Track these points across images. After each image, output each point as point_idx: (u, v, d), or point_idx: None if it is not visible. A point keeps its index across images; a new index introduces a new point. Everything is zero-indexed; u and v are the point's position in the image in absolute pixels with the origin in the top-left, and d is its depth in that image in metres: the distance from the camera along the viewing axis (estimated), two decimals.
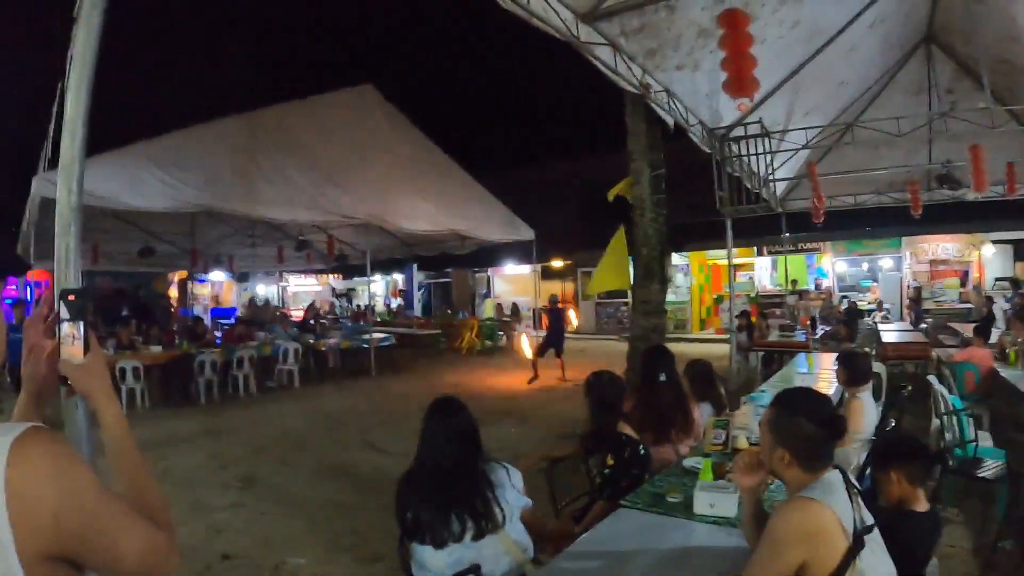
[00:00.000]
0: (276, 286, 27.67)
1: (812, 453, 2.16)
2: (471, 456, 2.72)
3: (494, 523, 2.60)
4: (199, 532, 5.37)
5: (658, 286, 8.46)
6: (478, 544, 2.60)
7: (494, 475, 2.70)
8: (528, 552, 2.78)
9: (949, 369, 7.43)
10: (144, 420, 9.77)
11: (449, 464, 2.66)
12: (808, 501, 2.04)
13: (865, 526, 2.06)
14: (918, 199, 11.76)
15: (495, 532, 2.61)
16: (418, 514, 2.63)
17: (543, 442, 7.71)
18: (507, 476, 2.74)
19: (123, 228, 14.82)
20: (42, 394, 1.32)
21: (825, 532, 1.99)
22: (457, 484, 2.63)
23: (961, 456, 5.04)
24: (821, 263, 21.27)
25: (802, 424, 2.16)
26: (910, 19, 9.27)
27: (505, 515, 2.64)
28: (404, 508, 2.68)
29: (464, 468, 2.67)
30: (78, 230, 2.13)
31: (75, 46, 2.12)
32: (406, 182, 13.75)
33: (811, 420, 2.16)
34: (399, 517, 2.69)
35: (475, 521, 2.57)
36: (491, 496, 2.62)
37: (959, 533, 4.67)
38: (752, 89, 5.24)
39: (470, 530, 2.57)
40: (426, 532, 2.60)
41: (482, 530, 2.58)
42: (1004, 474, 4.68)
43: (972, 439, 5.14)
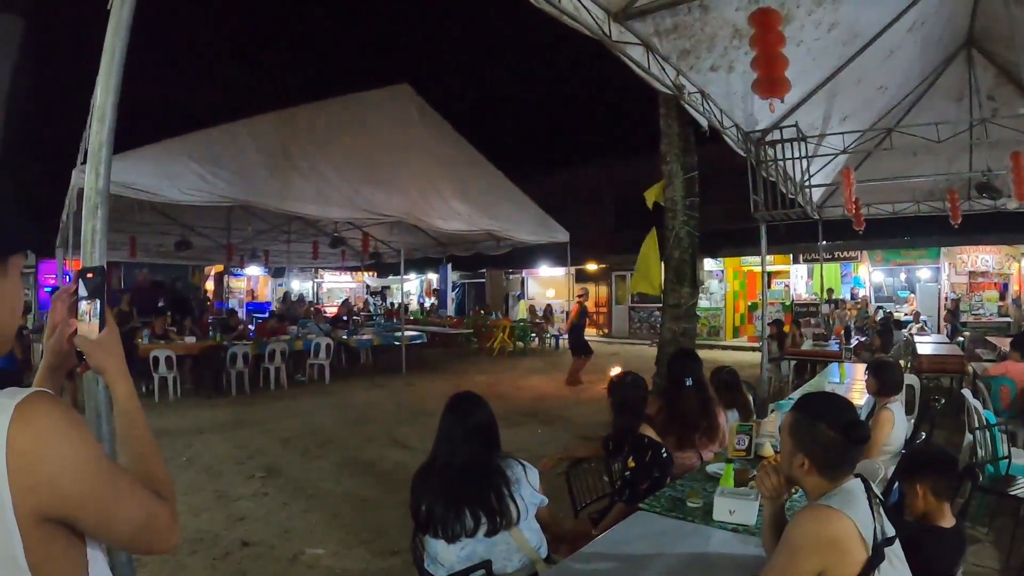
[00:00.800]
0: (311, 282, 27.95)
1: (832, 460, 2.10)
2: (486, 452, 2.71)
3: (507, 519, 2.59)
4: (220, 519, 5.44)
5: (689, 290, 8.36)
6: (490, 540, 2.59)
7: (510, 471, 2.69)
8: (541, 550, 2.76)
9: (984, 383, 7.22)
10: (175, 408, 9.95)
11: (463, 459, 2.66)
12: (826, 509, 1.99)
13: (886, 538, 2.00)
14: (957, 208, 11.48)
15: (508, 529, 2.60)
16: (431, 507, 2.62)
17: (568, 444, 7.69)
18: (524, 473, 2.73)
19: (161, 222, 15.11)
20: (60, 367, 1.36)
21: (843, 542, 1.93)
22: (470, 479, 2.62)
23: (993, 473, 4.90)
24: (858, 272, 20.92)
25: (823, 430, 2.10)
26: (951, 23, 9.04)
27: (519, 512, 2.62)
28: (418, 501, 2.68)
29: (478, 463, 2.66)
30: (104, 213, 2.17)
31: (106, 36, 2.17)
32: (441, 181, 13.82)
33: (832, 426, 2.10)
34: (413, 510, 2.69)
35: (488, 517, 2.56)
36: (505, 492, 2.60)
37: (987, 553, 4.54)
38: (783, 90, 5.14)
39: (483, 526, 2.56)
40: (438, 525, 2.59)
41: (495, 526, 2.57)
42: None
43: (1005, 456, 4.98)
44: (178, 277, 23.07)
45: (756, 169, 8.88)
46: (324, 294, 28.80)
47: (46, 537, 1.00)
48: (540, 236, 16.13)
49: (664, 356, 8.14)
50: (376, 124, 13.24)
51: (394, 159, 13.09)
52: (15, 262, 1.16)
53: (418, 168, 13.50)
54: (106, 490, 1.05)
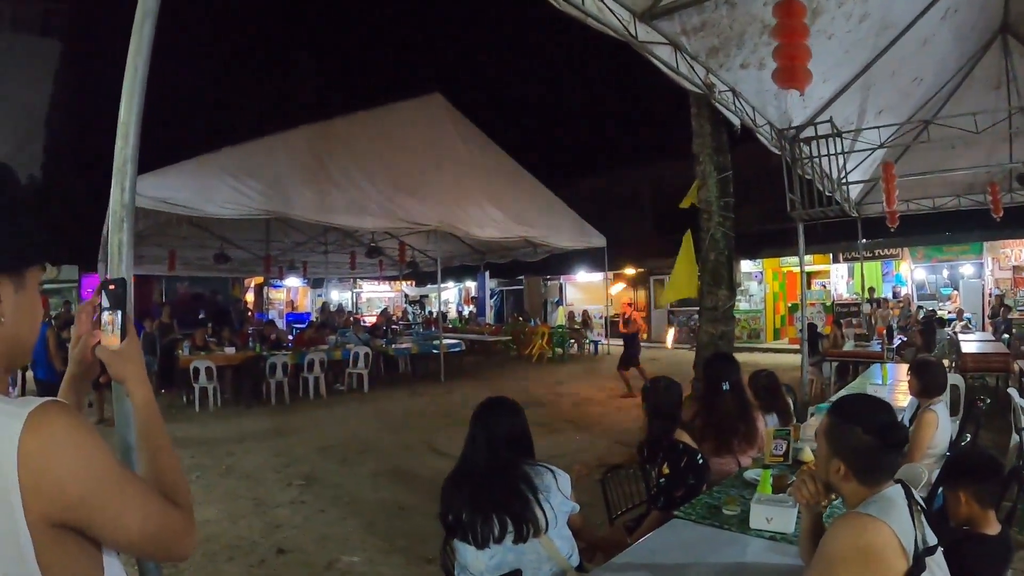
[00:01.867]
0: (350, 292, 28.23)
1: (869, 465, 2.02)
2: (514, 458, 2.68)
3: (536, 527, 2.55)
4: (257, 527, 5.50)
5: (726, 292, 8.24)
6: (520, 548, 2.55)
7: (539, 479, 2.65)
8: (573, 559, 2.72)
9: None
10: (215, 418, 10.12)
11: (489, 464, 2.64)
12: (864, 518, 1.90)
13: (927, 547, 1.90)
14: (998, 201, 11.15)
15: (537, 536, 2.56)
16: (459, 513, 2.61)
17: (606, 451, 7.62)
18: (554, 480, 2.68)
19: (200, 235, 15.40)
20: (84, 377, 1.41)
21: (882, 551, 1.84)
22: (496, 485, 2.59)
23: None
24: (899, 270, 20.50)
25: (858, 433, 2.01)
26: (984, 10, 8.77)
27: (548, 520, 2.59)
28: (446, 506, 2.67)
29: (504, 469, 2.63)
30: (130, 227, 2.21)
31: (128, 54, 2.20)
32: (476, 189, 13.87)
33: (868, 429, 2.01)
34: (441, 515, 2.68)
35: (514, 523, 2.53)
36: (532, 499, 2.57)
37: None
38: (804, 80, 5.02)
39: (510, 533, 2.53)
40: (466, 530, 2.57)
41: (523, 533, 2.53)
42: None
43: None
44: (218, 289, 23.49)
45: (791, 167, 8.74)
46: (363, 304, 29.07)
47: (58, 542, 1.02)
48: (577, 242, 16.10)
49: (702, 360, 8.03)
50: (409, 134, 13.36)
51: (428, 168, 13.18)
52: (32, 275, 1.17)
53: (452, 176, 13.58)
54: (114, 496, 1.06)
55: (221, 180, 9.63)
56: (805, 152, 8.73)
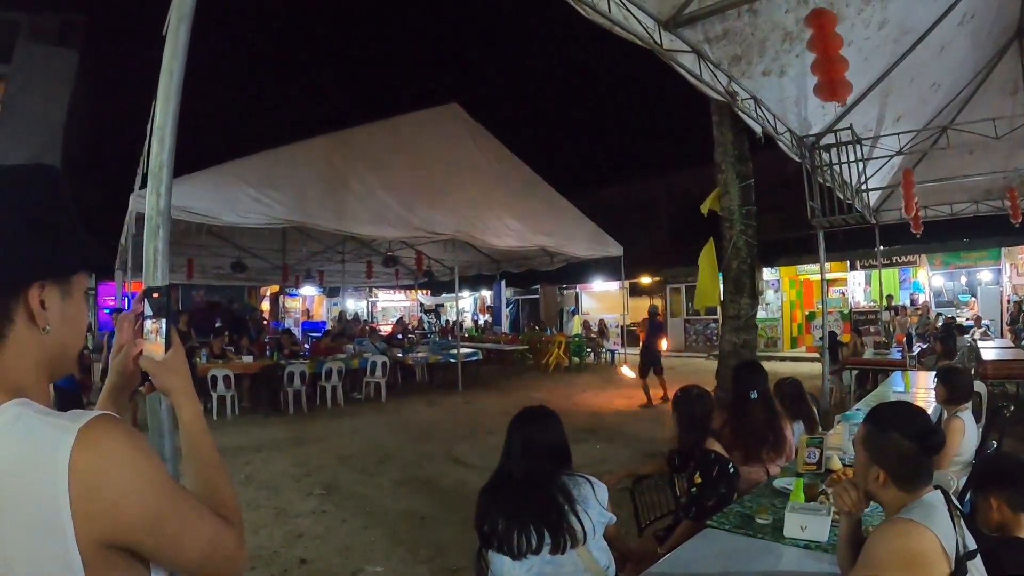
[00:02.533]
0: (366, 301, 28.28)
1: (909, 471, 2.03)
2: (551, 468, 2.64)
3: (574, 538, 2.52)
4: (279, 537, 5.48)
5: (748, 300, 8.18)
6: (557, 559, 2.52)
7: (577, 489, 2.62)
8: (610, 570, 2.69)
9: None
10: (233, 427, 10.12)
11: (526, 475, 2.61)
12: (909, 523, 1.91)
13: (968, 551, 1.91)
14: (1017, 206, 11.07)
15: (575, 547, 2.53)
16: (495, 523, 2.58)
17: (628, 461, 7.57)
18: (592, 491, 2.65)
19: (217, 244, 15.48)
20: (125, 387, 1.34)
21: (926, 557, 1.84)
22: (532, 495, 2.56)
23: None
24: (916, 277, 20.32)
25: (897, 440, 2.03)
26: (1000, 15, 8.74)
27: (587, 531, 2.55)
28: (482, 515, 2.64)
29: (541, 479, 2.60)
30: (166, 234, 2.19)
31: (164, 58, 2.20)
32: (493, 198, 13.88)
33: (906, 436, 2.03)
34: (478, 526, 2.65)
35: (552, 535, 2.50)
36: (568, 510, 2.54)
37: None
38: (845, 92, 5.03)
39: (547, 544, 2.50)
40: (501, 541, 2.54)
41: (559, 544, 2.50)
42: None
43: None
44: (234, 298, 23.61)
45: (812, 175, 8.69)
46: (378, 313, 29.11)
47: (108, 564, 0.97)
48: (593, 251, 16.07)
49: (725, 369, 7.97)
50: (427, 144, 13.39)
51: (445, 178, 13.20)
52: (79, 282, 1.14)
53: (469, 186, 13.59)
54: (172, 516, 1.02)
55: (241, 189, 9.67)
56: (825, 159, 8.69)
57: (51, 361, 1.11)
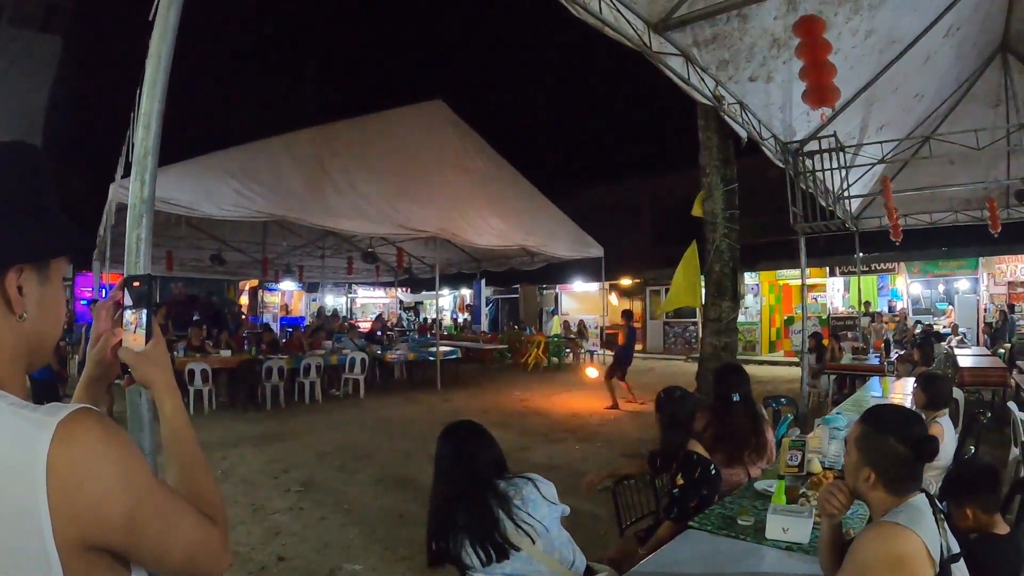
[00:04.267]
0: (345, 297, 28.14)
1: (900, 476, 2.03)
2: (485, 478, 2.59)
3: (517, 543, 2.48)
4: (256, 533, 5.42)
5: (730, 303, 8.25)
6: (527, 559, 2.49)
7: (518, 492, 2.55)
8: (578, 561, 2.66)
9: None
10: (210, 422, 10.01)
11: (462, 491, 2.56)
12: (895, 527, 1.91)
13: (952, 554, 1.92)
14: (996, 216, 11.25)
15: (526, 550, 2.49)
16: (439, 545, 2.56)
17: (607, 461, 7.57)
18: (536, 489, 2.58)
19: (197, 236, 15.33)
20: (103, 379, 1.28)
21: (912, 560, 1.85)
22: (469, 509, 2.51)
23: None
24: (895, 284, 20.59)
25: (892, 444, 2.03)
26: (985, 28, 8.87)
27: (537, 531, 2.52)
28: (430, 538, 2.62)
29: (476, 492, 2.55)
30: (149, 221, 2.15)
31: (151, 42, 2.16)
32: (475, 197, 13.86)
33: (902, 441, 2.02)
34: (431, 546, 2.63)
35: (492, 545, 2.47)
36: (506, 516, 2.48)
37: None
38: (833, 98, 5.06)
39: (493, 555, 2.46)
40: (455, 561, 2.53)
41: (504, 552, 2.46)
42: None
43: None
44: (213, 291, 23.37)
45: (795, 180, 8.75)
46: (357, 309, 28.98)
47: (88, 566, 0.92)
48: (574, 251, 16.10)
49: (705, 371, 8.03)
50: (411, 140, 13.34)
51: (429, 174, 13.16)
52: (57, 267, 1.09)
53: (452, 183, 13.57)
54: (155, 515, 0.97)
55: (222, 181, 9.57)
56: (808, 166, 8.76)
57: (28, 351, 1.06)
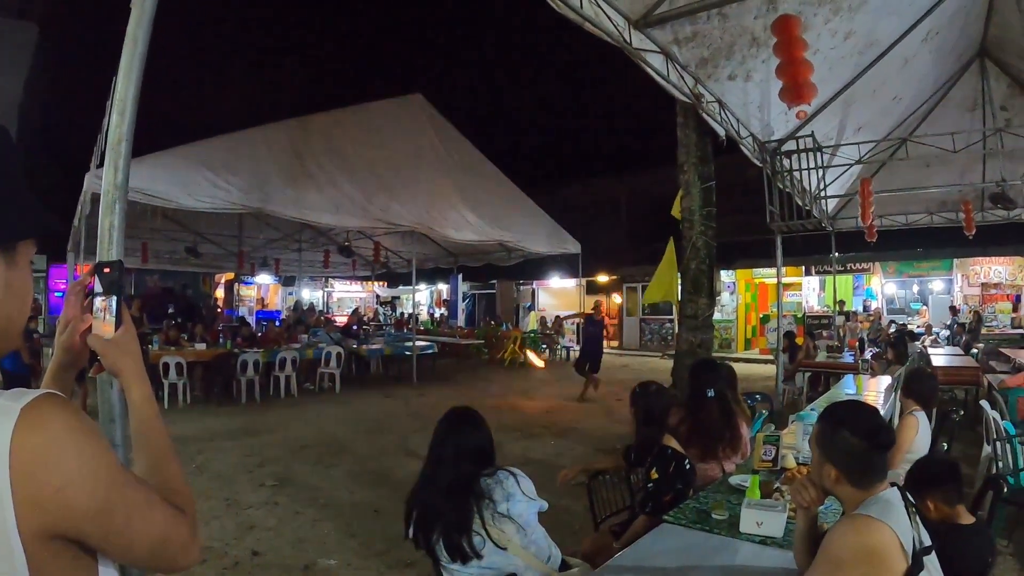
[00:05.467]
0: (321, 291, 27.99)
1: (859, 468, 2.07)
2: (475, 471, 2.60)
3: (499, 540, 2.50)
4: (231, 528, 5.37)
5: (706, 300, 8.30)
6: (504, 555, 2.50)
7: (500, 487, 2.56)
8: (554, 556, 2.68)
9: (1001, 395, 7.16)
10: (184, 415, 9.91)
11: (453, 480, 2.57)
12: (867, 519, 1.94)
13: (924, 547, 1.95)
14: (971, 219, 11.43)
15: (505, 548, 2.50)
16: (416, 536, 2.59)
17: (582, 455, 7.60)
18: (516, 483, 2.60)
19: (172, 228, 15.17)
20: (72, 366, 1.26)
21: (884, 552, 1.88)
22: (453, 503, 2.52)
23: (1013, 484, 4.81)
24: (870, 284, 20.82)
25: (846, 438, 2.07)
26: (964, 33, 9.01)
27: (515, 529, 2.53)
28: (407, 524, 2.63)
29: (464, 485, 2.55)
30: (123, 209, 2.11)
31: (129, 25, 2.11)
32: (453, 192, 13.83)
33: (855, 433, 2.07)
34: (406, 533, 2.65)
35: (468, 543, 2.47)
36: (488, 514, 2.50)
37: (1009, 565, 4.46)
38: (810, 95, 5.10)
39: (469, 552, 2.47)
40: (432, 554, 2.55)
41: (476, 549, 2.47)
42: None
43: None
44: (188, 284, 23.14)
45: (772, 179, 8.82)
46: (334, 303, 28.83)
47: (53, 556, 0.90)
48: (551, 247, 16.12)
49: (681, 367, 8.07)
50: (389, 133, 13.29)
51: (407, 169, 13.12)
52: (24, 250, 1.06)
53: (430, 178, 13.53)
54: (121, 505, 0.95)
55: (199, 173, 9.46)
56: (785, 165, 8.83)
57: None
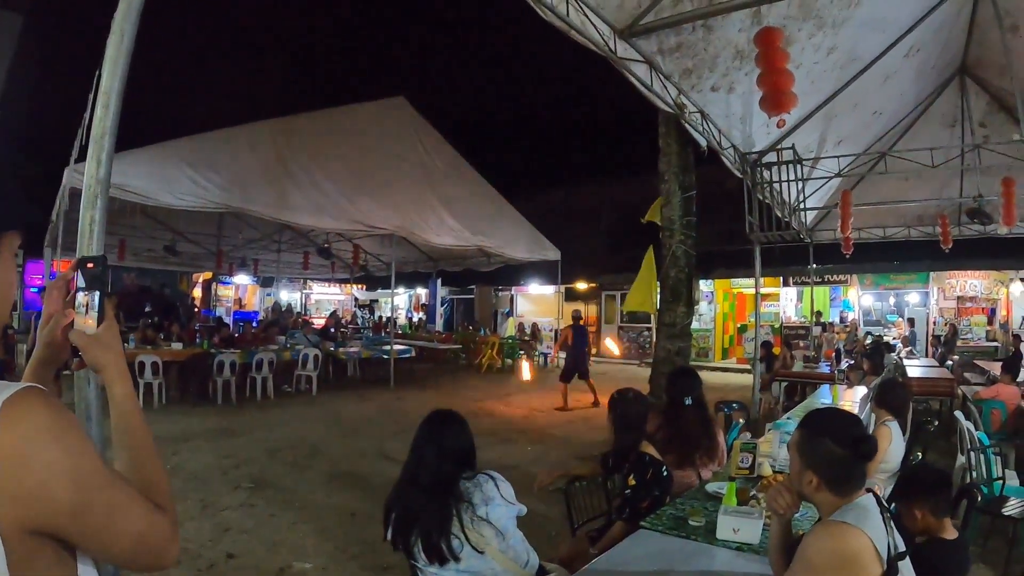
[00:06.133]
0: (299, 293, 27.81)
1: (841, 477, 2.07)
2: (456, 472, 2.61)
3: (478, 544, 2.50)
4: (206, 530, 5.31)
5: (684, 309, 8.33)
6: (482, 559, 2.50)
7: (479, 490, 2.57)
8: (531, 565, 2.68)
9: (975, 406, 7.29)
10: (159, 415, 9.79)
11: (434, 480, 2.57)
12: (843, 525, 1.95)
13: (899, 552, 1.97)
14: (948, 232, 11.60)
15: (484, 552, 2.51)
16: (395, 537, 2.59)
17: (559, 461, 7.59)
18: (495, 487, 2.60)
19: (150, 225, 14.98)
20: (53, 361, 1.24)
21: (860, 558, 1.89)
22: (434, 504, 2.53)
23: (987, 494, 4.89)
24: (847, 296, 21.04)
25: (829, 446, 2.07)
26: (946, 50, 9.17)
27: (494, 533, 2.53)
28: (386, 525, 2.63)
29: (445, 486, 2.56)
30: (104, 203, 2.11)
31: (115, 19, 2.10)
32: (434, 196, 13.82)
33: (838, 441, 2.07)
34: (384, 534, 2.65)
35: (447, 546, 2.48)
36: (467, 518, 2.51)
37: (981, 573, 4.53)
38: (789, 104, 5.15)
39: (448, 555, 2.48)
40: (411, 556, 2.55)
41: (455, 553, 2.48)
42: None
43: (999, 476, 5.03)
44: (166, 283, 22.89)
45: (752, 190, 8.90)
46: (312, 305, 28.66)
47: (32, 551, 0.90)
48: (531, 254, 16.14)
49: (658, 375, 8.10)
50: (371, 136, 13.25)
51: (388, 172, 13.09)
52: (7, 242, 1.06)
53: (412, 181, 13.52)
54: (101, 501, 0.94)
55: (180, 170, 9.38)
56: (765, 177, 8.91)
57: None
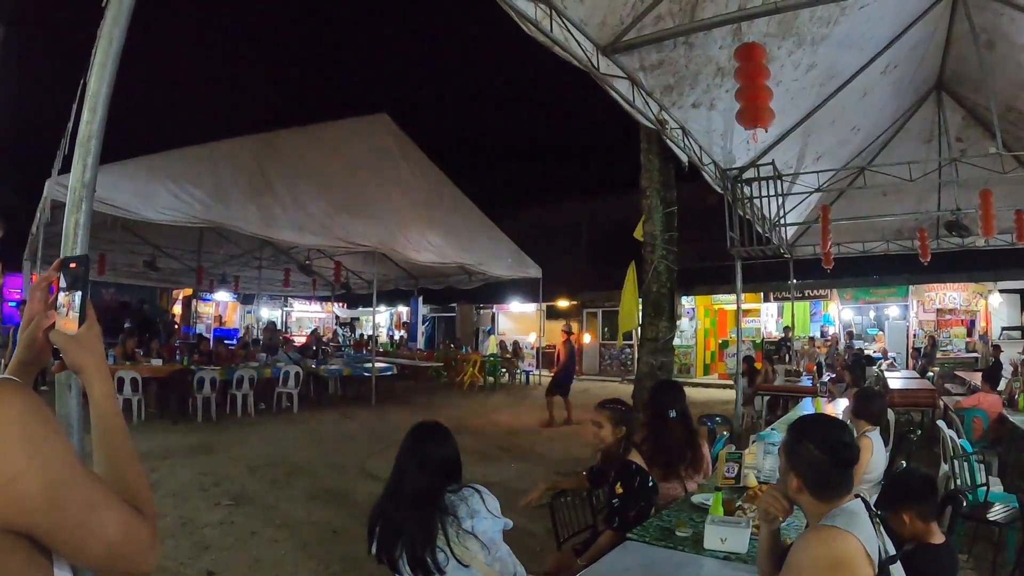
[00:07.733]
0: (280, 310, 27.64)
1: (823, 481, 2.11)
2: (441, 485, 2.60)
3: (462, 558, 2.49)
4: (185, 548, 5.23)
5: (667, 324, 8.37)
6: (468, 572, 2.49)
7: (465, 504, 2.56)
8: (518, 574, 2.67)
9: (957, 415, 7.38)
10: (138, 432, 9.62)
11: (417, 491, 2.56)
12: (833, 530, 1.97)
13: (890, 556, 1.99)
14: (927, 246, 11.76)
15: (470, 565, 2.49)
16: (379, 551, 2.58)
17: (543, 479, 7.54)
18: (482, 501, 2.59)
19: (130, 240, 14.87)
20: (34, 363, 1.23)
21: (851, 562, 1.90)
22: (418, 516, 2.51)
23: (972, 501, 4.94)
24: (827, 310, 21.24)
25: (811, 450, 2.12)
26: (922, 66, 9.34)
27: (480, 546, 2.52)
28: (371, 538, 2.62)
29: (430, 498, 2.55)
30: (89, 207, 2.09)
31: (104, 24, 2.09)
32: (416, 213, 13.83)
33: (820, 447, 2.12)
34: (369, 547, 2.63)
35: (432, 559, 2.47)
36: (452, 532, 2.49)
37: None
38: (766, 119, 5.22)
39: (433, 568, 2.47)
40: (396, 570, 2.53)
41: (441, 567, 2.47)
42: (1015, 518, 4.58)
43: (983, 483, 5.10)
44: (145, 299, 22.69)
45: (733, 206, 8.97)
46: (292, 323, 28.50)
47: (6, 552, 0.88)
48: (513, 271, 16.16)
49: (641, 391, 8.11)
50: (353, 153, 13.26)
51: (370, 188, 13.09)
52: None
53: (393, 198, 13.51)
54: (77, 499, 0.92)
55: (162, 184, 9.32)
56: (746, 192, 8.99)
57: None
